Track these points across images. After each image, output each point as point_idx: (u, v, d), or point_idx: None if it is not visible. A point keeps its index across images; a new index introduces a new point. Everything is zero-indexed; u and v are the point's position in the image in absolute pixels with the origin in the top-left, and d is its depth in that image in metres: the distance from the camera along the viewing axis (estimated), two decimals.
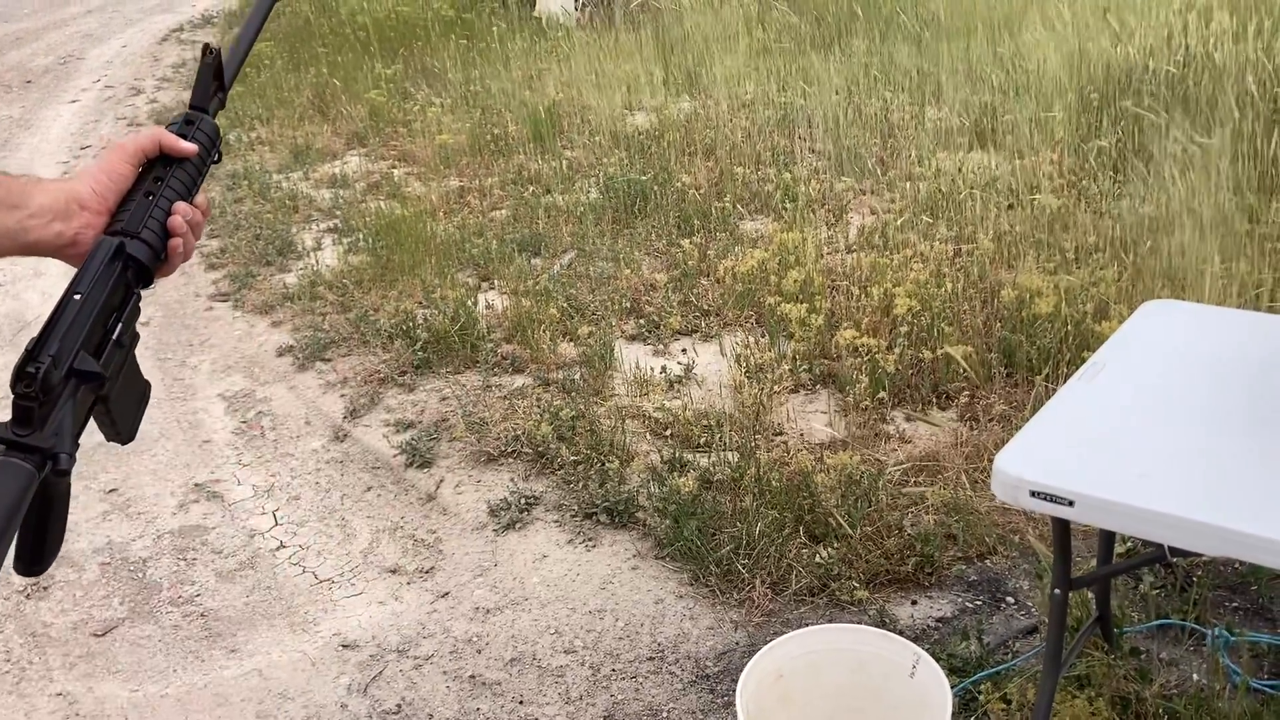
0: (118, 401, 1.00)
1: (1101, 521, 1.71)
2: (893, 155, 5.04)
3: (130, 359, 1.02)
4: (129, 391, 1.03)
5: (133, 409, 1.05)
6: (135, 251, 1.02)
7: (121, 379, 1.00)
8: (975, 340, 3.34)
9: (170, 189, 1.07)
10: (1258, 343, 1.93)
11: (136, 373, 1.05)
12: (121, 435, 1.02)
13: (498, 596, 2.70)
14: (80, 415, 0.93)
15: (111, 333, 0.98)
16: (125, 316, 1.00)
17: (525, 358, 3.74)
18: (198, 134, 1.11)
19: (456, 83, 6.93)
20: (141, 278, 1.03)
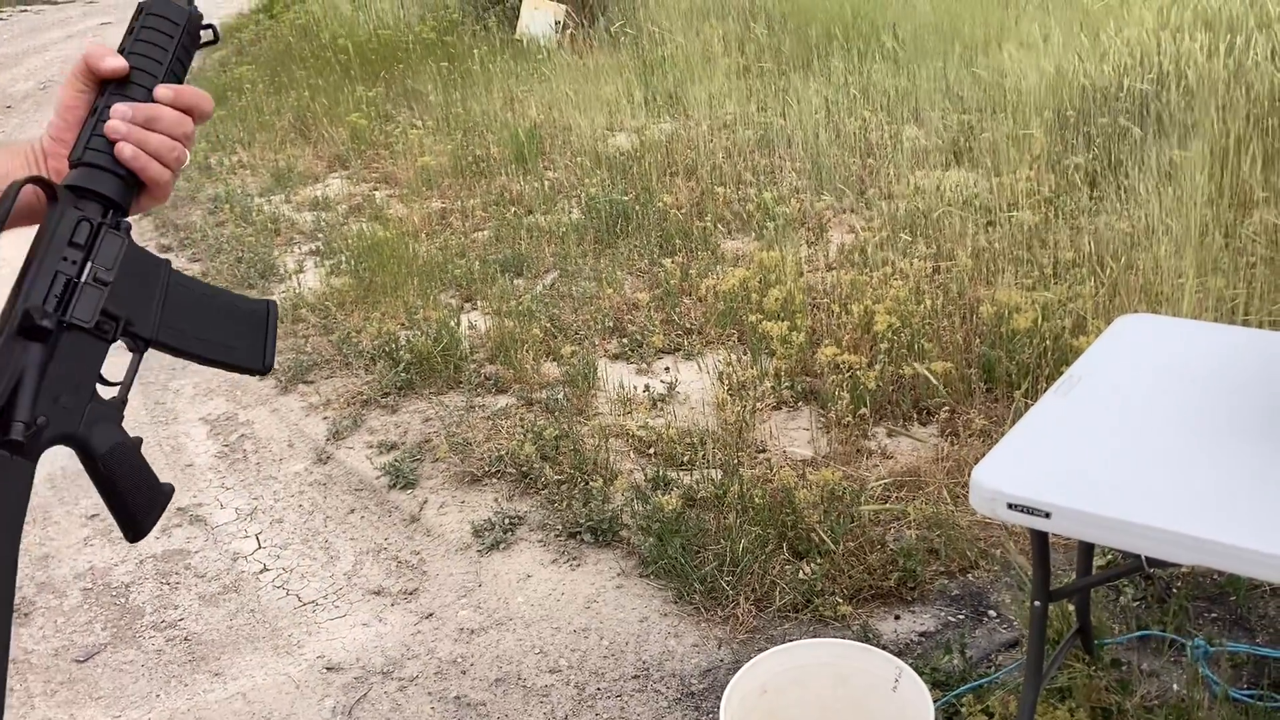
0: (166, 331, 0.91)
1: (1078, 533, 1.73)
2: (872, 174, 5.08)
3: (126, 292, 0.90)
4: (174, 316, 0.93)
5: (201, 333, 0.95)
6: (78, 180, 0.89)
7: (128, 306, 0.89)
8: (955, 356, 3.37)
9: (117, 99, 0.91)
10: (1231, 355, 1.96)
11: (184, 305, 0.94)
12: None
13: (482, 617, 2.70)
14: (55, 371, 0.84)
15: (77, 276, 0.86)
16: (93, 255, 0.88)
17: (508, 378, 3.75)
18: (145, 27, 0.95)
19: (438, 105, 6.95)
20: (111, 206, 0.90)
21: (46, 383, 0.83)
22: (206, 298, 0.97)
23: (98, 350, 0.87)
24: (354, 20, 9.54)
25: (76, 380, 0.86)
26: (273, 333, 0.99)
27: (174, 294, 0.93)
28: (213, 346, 0.96)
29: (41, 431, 0.82)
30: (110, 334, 0.88)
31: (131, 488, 0.91)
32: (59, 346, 0.84)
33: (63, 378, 0.85)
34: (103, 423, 0.87)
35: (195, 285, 0.97)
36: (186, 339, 0.94)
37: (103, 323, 0.87)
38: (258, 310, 0.99)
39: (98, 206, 0.89)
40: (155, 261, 0.93)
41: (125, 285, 0.89)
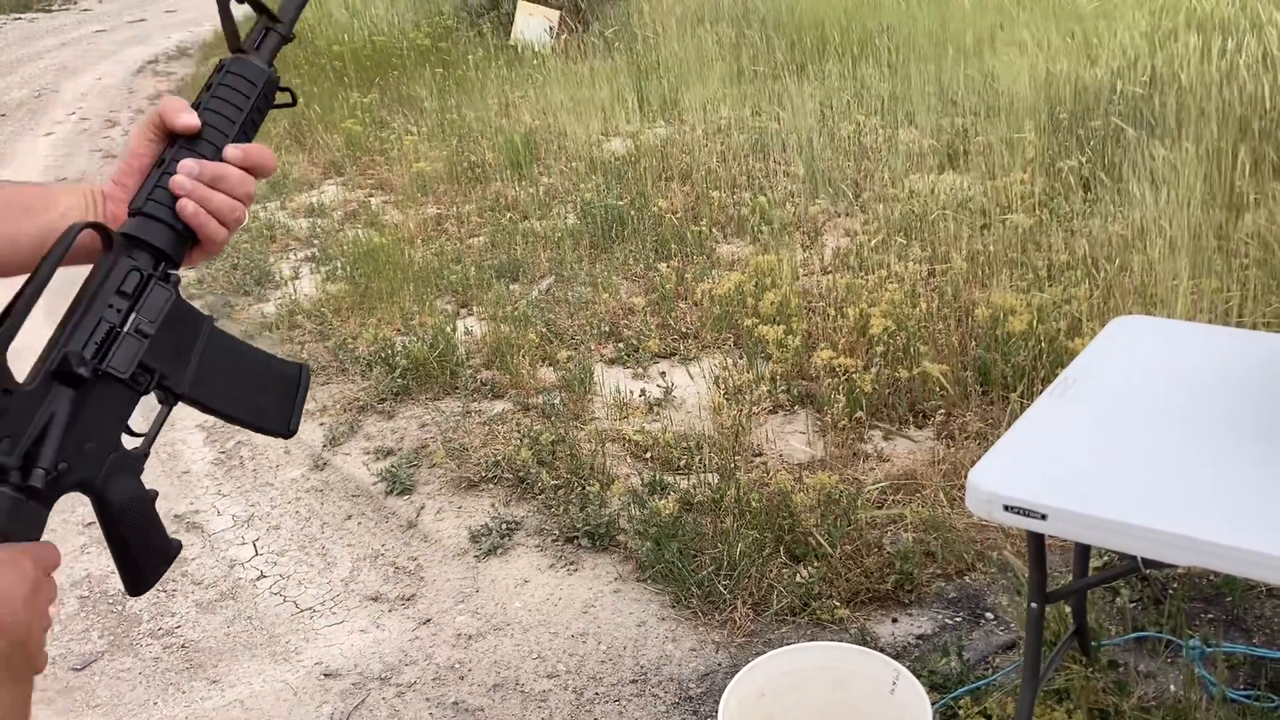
0: (199, 387, 0.90)
1: (1074, 534, 1.74)
2: (866, 177, 5.09)
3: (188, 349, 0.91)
4: (215, 378, 0.92)
5: (233, 392, 0.94)
6: (135, 229, 0.89)
7: (192, 369, 0.90)
8: (951, 359, 3.37)
9: (185, 154, 0.92)
10: (1226, 357, 1.97)
11: (234, 363, 0.95)
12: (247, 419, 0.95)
13: (480, 622, 2.70)
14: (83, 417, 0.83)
15: (120, 326, 0.86)
16: (139, 306, 0.87)
17: (505, 383, 3.75)
18: (222, 84, 0.95)
19: (433, 111, 6.96)
20: (164, 258, 0.90)
21: (74, 429, 0.82)
22: (242, 357, 0.97)
23: (128, 401, 0.87)
24: (349, 27, 9.55)
25: (103, 429, 0.85)
26: (302, 398, 0.99)
27: (211, 351, 0.93)
28: (243, 407, 0.96)
29: (62, 478, 0.82)
30: (144, 386, 0.88)
31: (140, 543, 0.90)
32: (91, 394, 0.84)
33: (90, 425, 0.84)
34: (122, 474, 0.87)
35: (233, 344, 0.96)
36: (218, 397, 0.93)
37: (138, 374, 0.87)
38: (290, 374, 0.99)
39: (150, 257, 0.89)
40: (198, 317, 0.93)
41: (166, 339, 0.89)
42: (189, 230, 0.92)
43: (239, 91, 0.96)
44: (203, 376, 0.92)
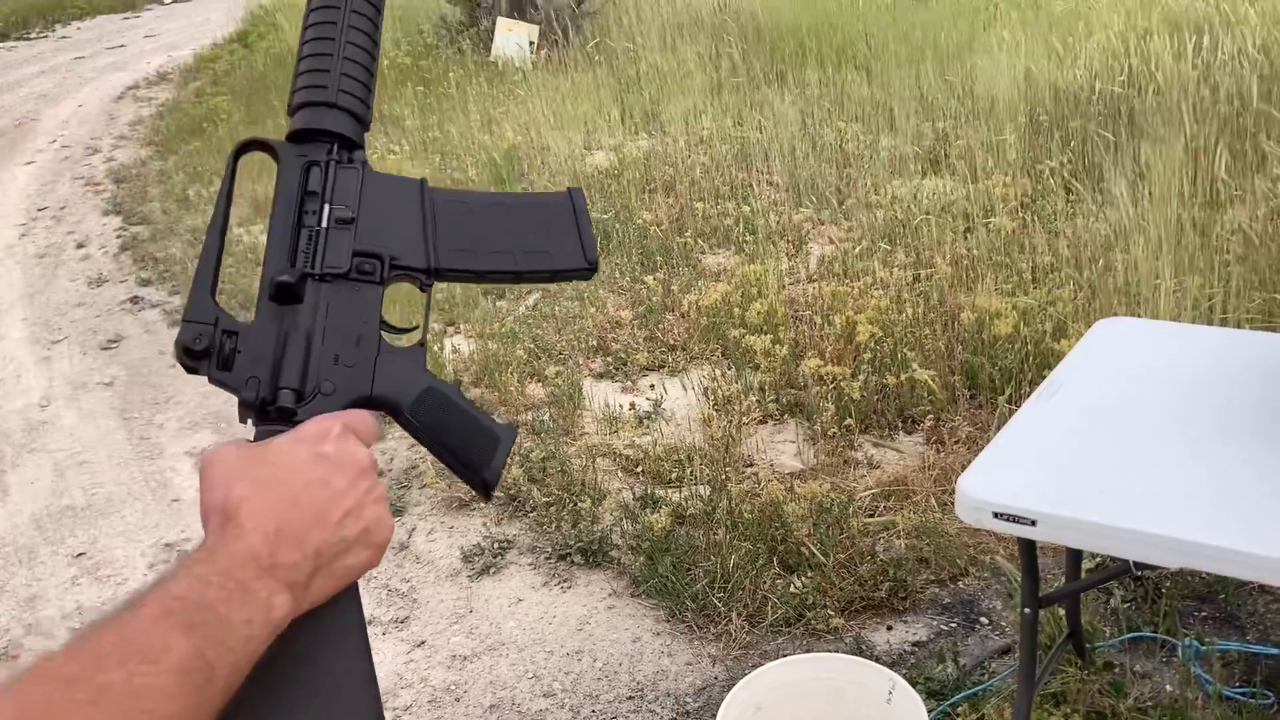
0: (449, 255, 0.81)
1: (1064, 539, 1.74)
2: (849, 184, 5.10)
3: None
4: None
5: (498, 244, 0.83)
6: (299, 124, 0.83)
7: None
8: (938, 364, 3.38)
9: (313, 29, 0.85)
10: (1209, 356, 1.98)
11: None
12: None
13: (474, 643, 2.69)
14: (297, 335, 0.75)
15: (318, 224, 0.80)
16: (328, 197, 0.80)
17: (494, 400, 3.74)
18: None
19: (415, 129, 6.96)
20: (339, 140, 0.83)
21: (320, 344, 0.76)
22: (488, 206, 0.87)
23: (369, 297, 0.79)
24: None
25: (355, 333, 0.77)
26: (586, 223, 0.87)
27: (446, 213, 0.84)
28: (519, 258, 0.85)
29: (330, 398, 0.75)
30: (377, 275, 0.79)
31: (459, 437, 0.80)
32: (321, 303, 0.77)
33: (337, 335, 0.77)
34: (401, 373, 0.79)
35: (474, 196, 0.87)
36: (483, 257, 0.84)
37: (362, 264, 0.79)
38: (561, 202, 0.87)
39: (322, 146, 0.82)
40: (408, 184, 0.84)
41: (377, 218, 0.81)
42: (353, 102, 0.84)
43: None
44: (447, 242, 0.82)
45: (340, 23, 0.85)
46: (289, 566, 0.66)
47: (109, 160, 7.98)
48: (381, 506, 0.73)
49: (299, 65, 0.85)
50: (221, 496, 0.67)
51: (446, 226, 0.83)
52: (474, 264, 0.84)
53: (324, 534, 0.68)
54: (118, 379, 4.41)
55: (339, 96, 0.83)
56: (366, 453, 0.73)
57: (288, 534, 0.66)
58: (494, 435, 0.82)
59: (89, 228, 6.49)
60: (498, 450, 0.82)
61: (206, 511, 0.68)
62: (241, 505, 0.66)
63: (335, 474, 0.70)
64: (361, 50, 0.86)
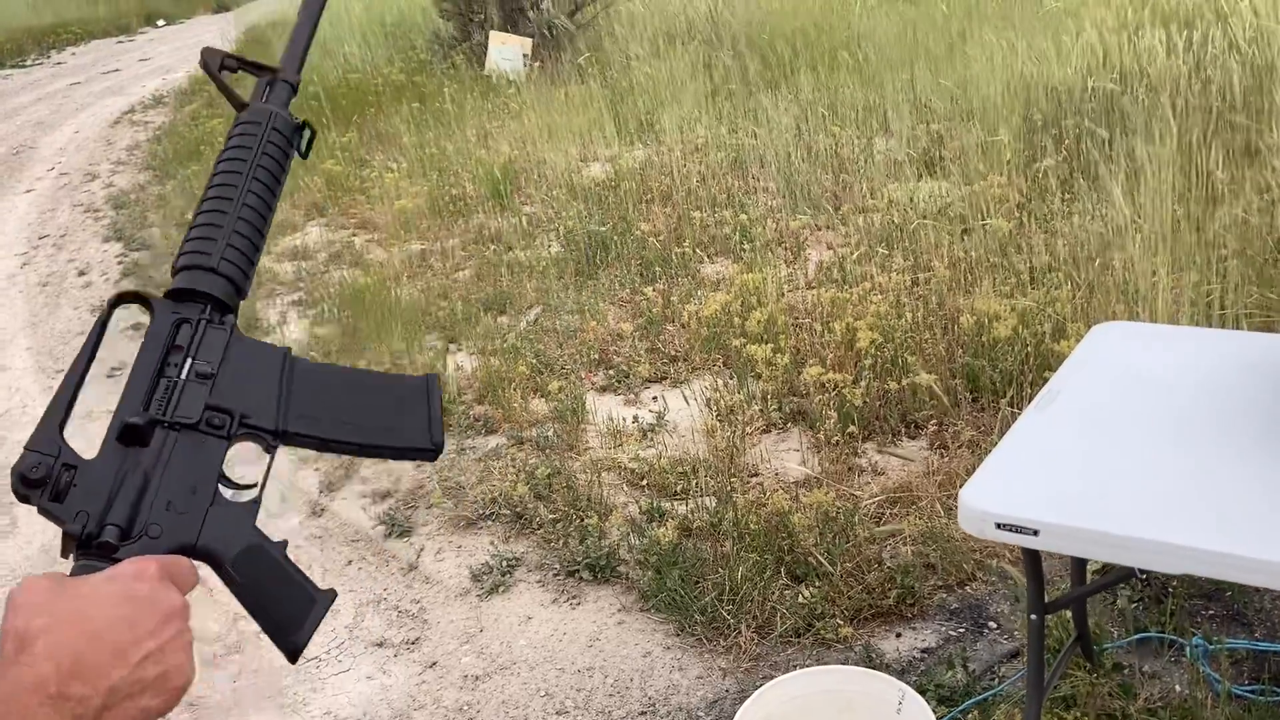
0: (298, 421, 0.85)
1: (1067, 549, 1.75)
2: (845, 189, 5.12)
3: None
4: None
5: (346, 419, 0.86)
6: (179, 283, 0.86)
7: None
8: (939, 368, 3.39)
9: (209, 203, 0.90)
10: (1208, 360, 1.99)
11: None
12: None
13: (486, 662, 2.71)
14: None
15: (178, 375, 0.83)
16: (193, 352, 0.84)
17: (497, 417, 3.76)
18: (231, 139, 0.94)
19: (411, 146, 6.98)
20: (212, 303, 0.87)
21: (156, 489, 0.78)
22: (351, 381, 0.91)
23: (214, 450, 0.82)
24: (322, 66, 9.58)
25: (192, 483, 0.80)
26: (437, 409, 0.91)
27: (302, 381, 0.87)
28: (366, 431, 0.89)
29: (155, 542, 0.77)
30: (225, 430, 0.82)
31: (275, 598, 0.83)
32: (166, 451, 0.80)
33: (175, 482, 0.79)
34: (228, 527, 0.81)
35: (334, 369, 0.91)
36: (329, 427, 0.87)
37: (212, 418, 0.82)
38: (417, 385, 0.92)
39: (197, 306, 0.86)
40: (272, 351, 0.88)
41: (235, 378, 0.84)
42: (234, 270, 0.88)
43: (246, 134, 0.94)
44: (300, 409, 0.86)
45: (238, 196, 0.91)
46: (77, 700, 0.66)
47: (108, 186, 8.01)
48: (185, 655, 0.73)
49: (191, 228, 0.89)
50: (23, 624, 0.68)
51: (302, 394, 0.87)
52: (320, 431, 0.87)
53: (121, 672, 0.68)
54: None
55: (221, 264, 0.88)
56: (181, 599, 0.74)
57: (82, 667, 0.67)
58: (310, 599, 0.84)
59: (90, 255, 6.51)
60: (311, 615, 0.84)
61: (3, 638, 0.68)
62: (40, 635, 0.67)
63: (143, 615, 0.71)
64: (251, 224, 0.91)
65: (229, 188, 0.91)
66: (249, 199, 0.91)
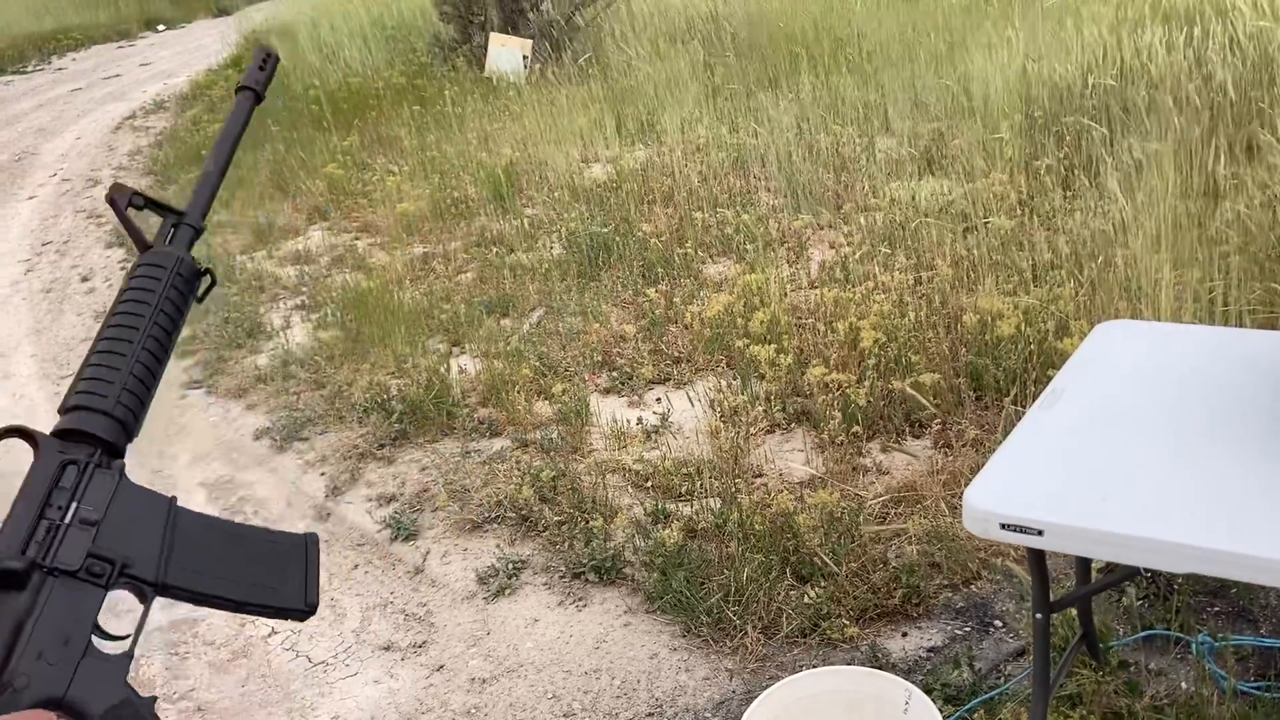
0: (178, 573, 0.83)
1: (1072, 548, 1.76)
2: (847, 188, 5.12)
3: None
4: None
5: (226, 574, 0.86)
6: (66, 424, 0.86)
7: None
8: (943, 366, 3.40)
9: (103, 343, 0.89)
10: (1210, 358, 1.99)
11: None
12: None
13: (492, 665, 2.71)
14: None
15: (61, 519, 0.81)
16: (78, 495, 0.83)
17: (502, 420, 3.76)
18: (133, 279, 0.94)
19: (413, 149, 6.99)
20: (101, 446, 0.87)
21: (27, 637, 0.75)
22: (231, 535, 0.90)
23: (91, 599, 0.79)
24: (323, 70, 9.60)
25: (65, 633, 0.77)
26: (314, 567, 0.91)
27: (185, 532, 0.86)
28: (239, 587, 0.88)
29: (19, 694, 0.73)
30: (105, 579, 0.80)
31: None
32: (42, 597, 0.77)
33: (47, 630, 0.76)
34: (98, 681, 0.77)
35: (216, 523, 0.89)
36: (208, 581, 0.86)
37: (93, 566, 0.80)
38: (294, 544, 0.92)
39: (87, 448, 0.85)
40: (157, 498, 0.86)
41: (119, 525, 0.82)
42: (126, 414, 0.87)
43: (150, 278, 0.94)
44: (180, 561, 0.84)
45: (138, 339, 0.90)
46: None
47: None
48: None
49: (87, 366, 0.88)
50: None
51: (184, 546, 0.85)
52: (199, 585, 0.85)
53: None
54: None
55: (115, 407, 0.87)
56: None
57: None
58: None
59: (93, 261, 6.53)
60: None
61: None
62: None
63: None
64: (148, 369, 0.90)
65: (129, 329, 0.91)
66: (148, 343, 0.91)
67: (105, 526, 0.82)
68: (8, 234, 7.38)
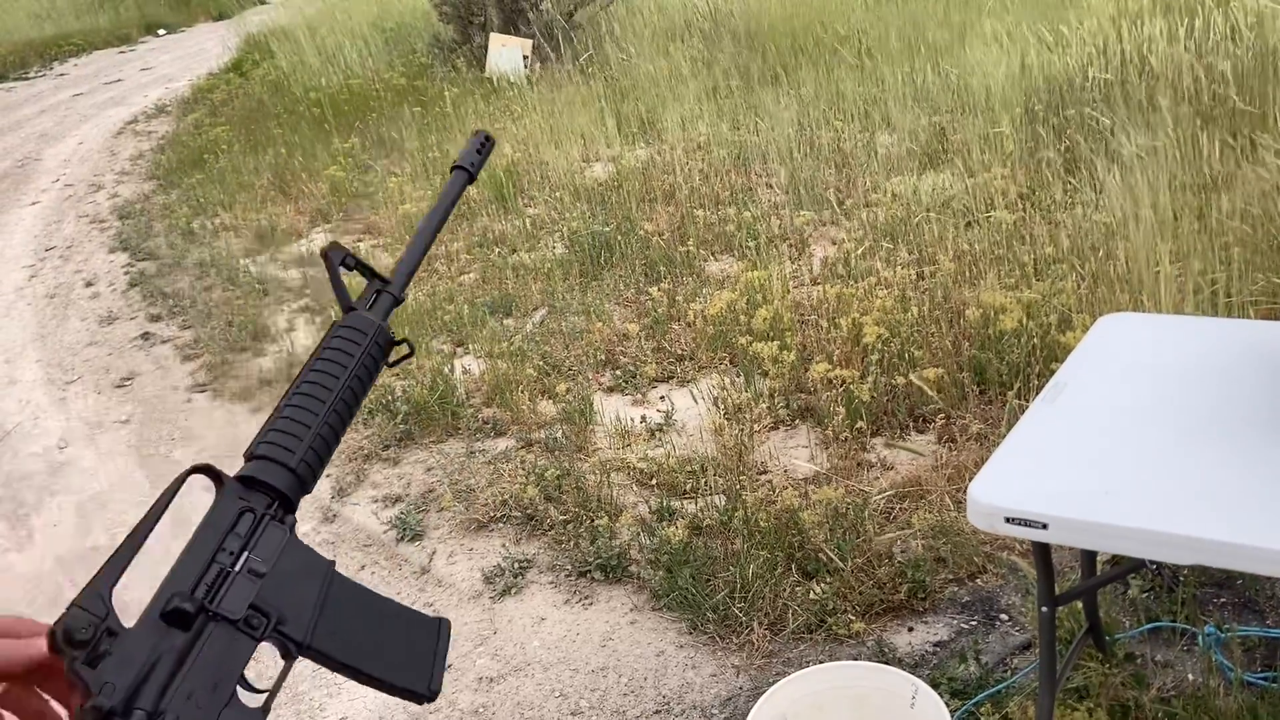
0: (323, 638, 0.83)
1: (1077, 541, 1.76)
2: (848, 184, 5.12)
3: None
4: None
5: (362, 646, 0.86)
6: (250, 471, 0.87)
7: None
8: (946, 361, 3.40)
9: (294, 397, 0.90)
10: (1213, 350, 1.99)
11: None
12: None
13: (500, 664, 2.72)
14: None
15: (231, 565, 0.82)
16: (251, 546, 0.84)
17: (506, 420, 3.77)
18: (335, 338, 0.95)
19: (414, 151, 7.00)
20: (279, 499, 0.88)
21: (183, 676, 0.77)
22: (372, 607, 0.90)
23: (243, 648, 0.80)
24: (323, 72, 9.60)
25: (215, 678, 0.78)
26: (443, 655, 0.90)
27: (336, 597, 0.86)
28: (374, 662, 0.87)
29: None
30: (259, 632, 0.82)
31: None
32: (202, 639, 0.78)
33: (200, 674, 0.78)
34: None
35: (360, 592, 0.89)
36: (345, 649, 0.86)
37: (251, 618, 0.81)
38: (428, 626, 0.92)
39: (264, 498, 0.86)
40: (319, 561, 0.87)
41: (282, 582, 0.84)
42: (309, 471, 0.89)
43: (351, 341, 0.95)
44: (327, 625, 0.85)
45: (330, 400, 0.91)
46: None
47: (113, 197, 8.04)
48: None
49: (279, 417, 0.89)
50: None
51: (333, 612, 0.87)
52: (337, 653, 0.86)
53: None
54: (133, 416, 4.45)
55: (299, 464, 0.88)
56: None
57: None
58: None
59: (96, 266, 6.54)
60: None
61: None
62: None
63: None
64: (334, 430, 0.92)
65: (325, 390, 0.92)
66: (339, 405, 0.92)
67: (268, 579, 0.83)
68: (11, 240, 7.40)
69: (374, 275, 1.00)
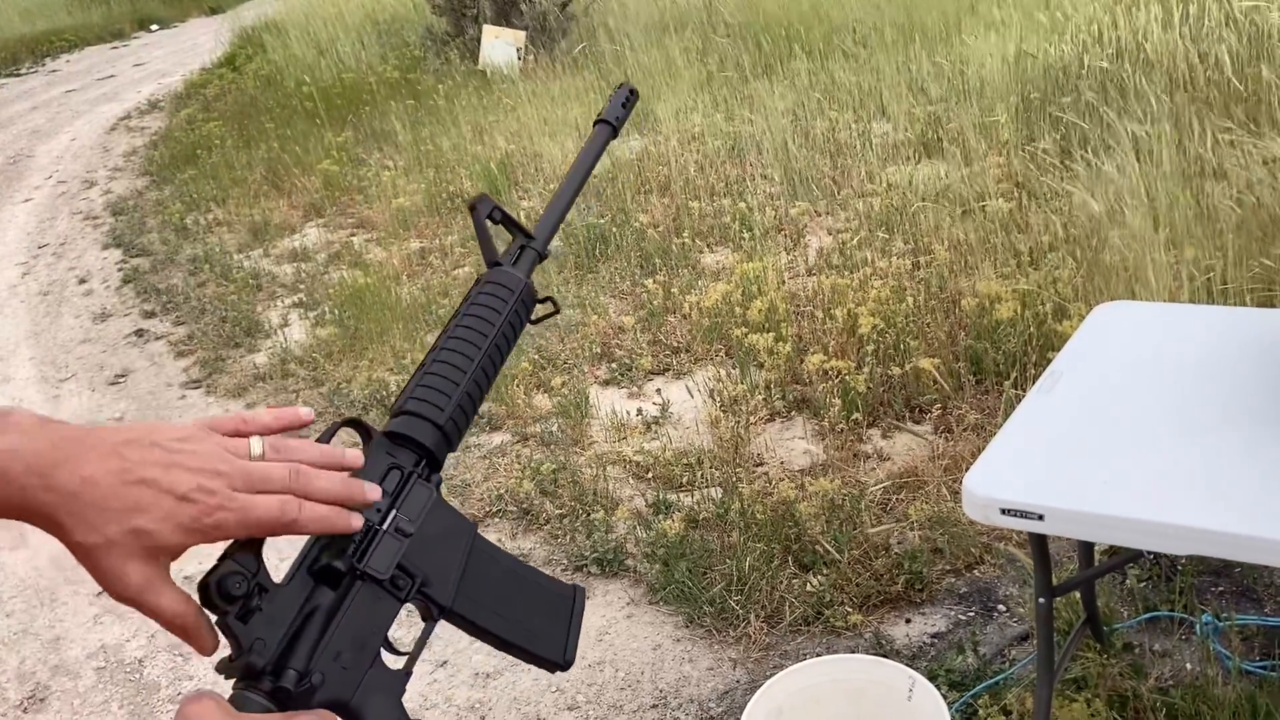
0: (464, 601, 0.83)
1: (1073, 532, 1.75)
2: (843, 174, 5.10)
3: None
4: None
5: (502, 611, 0.85)
6: (398, 427, 0.85)
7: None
8: (942, 351, 3.39)
9: (443, 353, 0.89)
10: (1209, 338, 1.98)
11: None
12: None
13: (496, 660, 2.71)
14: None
15: (379, 523, 0.81)
16: (399, 504, 0.82)
17: (501, 414, 3.76)
18: (482, 294, 0.93)
19: (408, 144, 6.97)
20: (425, 456, 0.86)
21: (330, 635, 0.76)
22: (510, 571, 0.89)
23: (388, 608, 0.79)
24: (316, 66, 9.57)
25: (362, 638, 0.77)
26: (578, 623, 0.90)
27: (477, 561, 0.86)
28: (512, 628, 0.87)
29: (315, 690, 0.74)
30: (404, 592, 0.80)
31: None
32: (349, 597, 0.77)
33: (347, 632, 0.77)
34: (381, 694, 0.78)
35: (501, 556, 0.89)
36: (485, 614, 0.85)
37: (398, 578, 0.80)
38: (565, 594, 0.91)
39: (411, 455, 0.84)
40: (462, 523, 0.86)
41: (427, 542, 0.82)
42: (454, 430, 0.87)
43: (497, 297, 0.93)
44: (468, 589, 0.84)
45: (478, 358, 0.89)
46: None
47: (106, 193, 8.01)
48: None
49: (426, 373, 0.87)
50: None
51: (474, 575, 0.85)
52: (477, 617, 0.85)
53: None
54: (127, 414, 4.43)
55: (446, 421, 0.86)
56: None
57: None
58: None
59: (90, 262, 6.51)
60: None
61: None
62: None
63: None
64: (480, 388, 0.90)
65: (473, 346, 0.90)
66: (485, 362, 0.90)
67: (414, 540, 0.81)
68: (4, 237, 7.37)
69: (520, 230, 0.98)
